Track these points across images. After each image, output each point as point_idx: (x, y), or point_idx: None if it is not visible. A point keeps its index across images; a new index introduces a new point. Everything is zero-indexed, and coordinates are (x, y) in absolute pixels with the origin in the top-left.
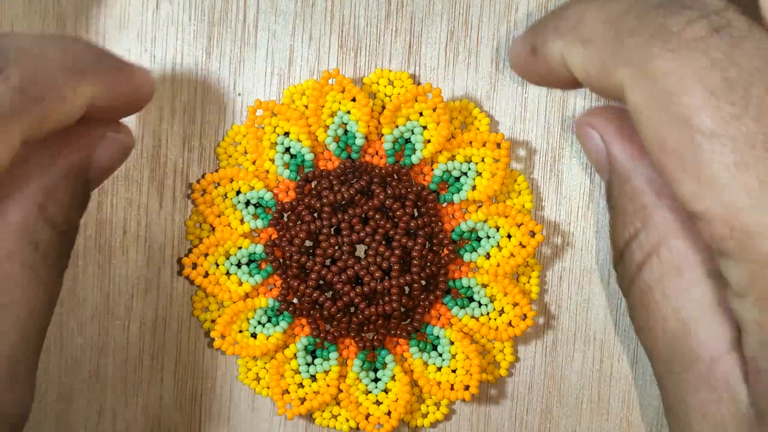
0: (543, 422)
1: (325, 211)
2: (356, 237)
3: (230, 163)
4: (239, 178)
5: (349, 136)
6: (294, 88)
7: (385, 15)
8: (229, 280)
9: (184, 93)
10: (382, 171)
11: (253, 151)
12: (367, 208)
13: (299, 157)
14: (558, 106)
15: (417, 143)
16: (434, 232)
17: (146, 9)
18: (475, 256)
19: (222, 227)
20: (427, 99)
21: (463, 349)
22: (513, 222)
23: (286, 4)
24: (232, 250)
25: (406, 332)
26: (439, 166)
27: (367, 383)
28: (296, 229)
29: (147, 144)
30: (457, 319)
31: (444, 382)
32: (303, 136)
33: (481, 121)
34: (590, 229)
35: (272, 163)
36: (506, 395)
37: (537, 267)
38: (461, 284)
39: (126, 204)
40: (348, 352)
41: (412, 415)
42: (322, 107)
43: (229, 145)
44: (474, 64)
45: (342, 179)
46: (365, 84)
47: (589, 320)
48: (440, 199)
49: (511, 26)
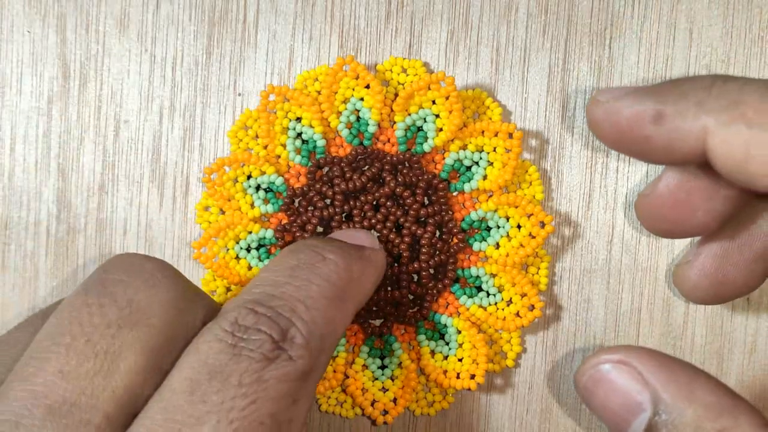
0: (543, 422)
1: (337, 198)
2: (367, 224)
3: (241, 147)
4: (250, 162)
5: (362, 122)
6: (307, 73)
7: (385, 15)
8: (238, 265)
9: (184, 93)
10: (394, 158)
11: (265, 136)
12: (379, 195)
13: (311, 143)
14: (558, 106)
15: (429, 131)
16: (444, 221)
17: (146, 9)
18: (484, 246)
19: (232, 212)
20: (440, 87)
21: (470, 338)
22: (523, 212)
23: (286, 4)
24: (242, 235)
25: (414, 320)
26: (450, 155)
27: (374, 370)
28: (308, 214)
29: (147, 144)
30: (465, 309)
31: (450, 371)
32: (315, 121)
33: (494, 110)
34: (590, 229)
35: (284, 148)
36: (506, 395)
37: (546, 258)
38: (470, 273)
39: (126, 204)
40: (355, 339)
41: (417, 403)
42: (335, 93)
43: (240, 129)
44: (474, 64)
45: (353, 166)
46: (379, 71)
47: (589, 320)
48: (451, 187)
49: (511, 26)
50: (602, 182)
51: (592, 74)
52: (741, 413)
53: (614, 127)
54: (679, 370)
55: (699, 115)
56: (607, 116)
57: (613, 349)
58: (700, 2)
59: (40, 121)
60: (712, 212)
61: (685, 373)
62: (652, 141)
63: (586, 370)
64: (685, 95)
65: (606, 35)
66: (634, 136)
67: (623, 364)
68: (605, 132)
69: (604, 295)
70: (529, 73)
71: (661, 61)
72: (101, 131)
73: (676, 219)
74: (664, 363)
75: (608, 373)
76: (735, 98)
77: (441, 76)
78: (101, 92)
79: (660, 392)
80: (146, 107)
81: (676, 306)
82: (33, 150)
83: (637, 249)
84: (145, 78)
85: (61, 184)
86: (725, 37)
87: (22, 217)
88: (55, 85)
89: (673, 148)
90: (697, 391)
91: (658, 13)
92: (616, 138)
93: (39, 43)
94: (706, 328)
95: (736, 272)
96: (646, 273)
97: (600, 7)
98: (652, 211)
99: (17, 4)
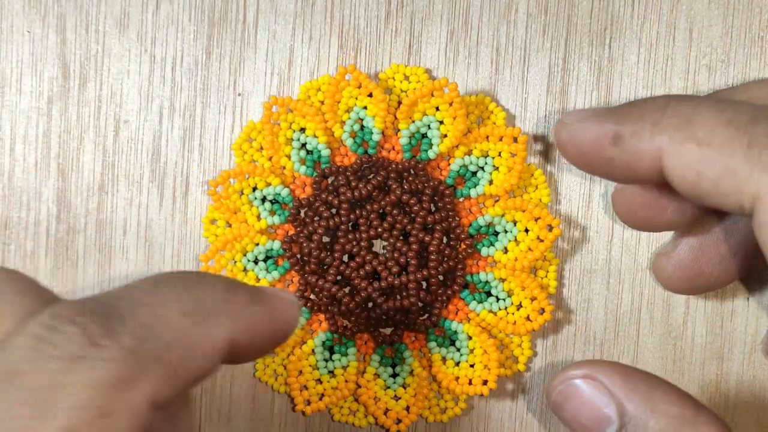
0: (543, 422)
1: (342, 207)
2: (374, 232)
3: (245, 159)
4: (255, 174)
5: (366, 131)
6: (310, 83)
7: (385, 15)
8: (246, 277)
9: (184, 93)
10: (399, 166)
11: (269, 148)
12: (385, 203)
13: (315, 153)
14: (558, 106)
15: (433, 138)
16: (451, 227)
17: (146, 9)
18: (492, 251)
19: (239, 224)
20: (444, 93)
21: (481, 343)
22: (530, 216)
23: (286, 4)
24: (249, 247)
25: (424, 327)
26: (455, 161)
27: (386, 378)
28: (314, 225)
29: (147, 144)
30: (475, 314)
31: (462, 377)
32: (319, 132)
33: (498, 115)
34: (590, 229)
35: (288, 159)
36: (506, 395)
37: (554, 261)
38: (479, 279)
39: (126, 204)
40: (366, 348)
41: (430, 410)
42: (338, 102)
43: (244, 141)
44: (474, 64)
45: (359, 175)
46: (381, 79)
47: (589, 320)
48: (457, 193)
49: (511, 26)
50: (602, 182)
51: (592, 74)
52: (703, 424)
53: (577, 149)
54: (641, 381)
55: (654, 136)
56: (570, 138)
57: (579, 364)
58: (700, 2)
59: (40, 121)
60: (682, 210)
61: (647, 383)
62: (612, 162)
63: (556, 386)
64: (642, 116)
65: (606, 35)
66: (596, 157)
67: (590, 379)
68: (570, 154)
69: (604, 295)
70: (529, 73)
71: (661, 61)
72: (101, 131)
73: (647, 216)
74: (627, 375)
75: (577, 387)
76: (688, 118)
77: (444, 82)
78: (101, 92)
79: (625, 404)
80: (146, 107)
81: (676, 306)
82: (33, 150)
83: (637, 249)
84: (145, 78)
85: (61, 184)
86: (725, 37)
87: (22, 217)
88: (55, 85)
89: (632, 168)
90: (659, 402)
91: (658, 13)
92: (580, 159)
93: (39, 43)
94: (706, 328)
95: (712, 266)
96: (646, 273)
97: (600, 7)
98: (625, 207)
99: (17, 4)
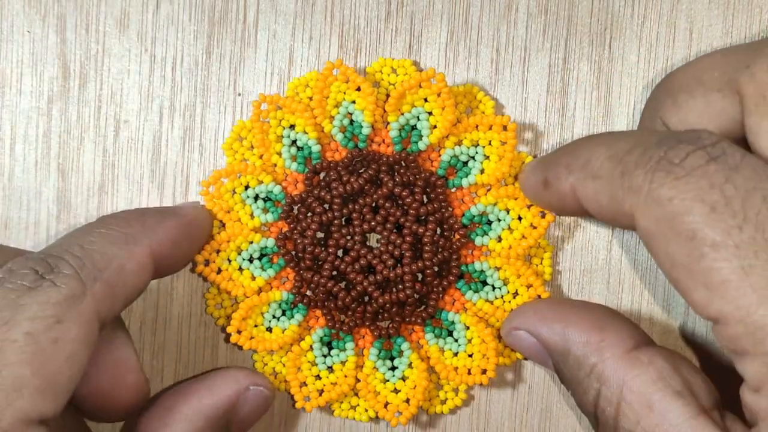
0: (543, 422)
1: (335, 202)
2: (367, 226)
3: (236, 158)
4: (247, 172)
5: (355, 125)
6: (297, 80)
7: (385, 15)
8: (241, 276)
9: (184, 93)
10: (390, 159)
11: (260, 146)
12: (377, 197)
13: (306, 149)
14: (558, 106)
15: (423, 129)
16: (445, 218)
17: (146, 9)
18: (486, 240)
19: (232, 223)
20: (431, 84)
21: (478, 333)
22: (523, 204)
23: (286, 4)
24: (243, 246)
25: (421, 319)
26: (446, 152)
27: (385, 372)
28: (307, 221)
29: (147, 144)
30: (472, 304)
31: (461, 367)
32: (309, 128)
33: (486, 104)
34: (590, 229)
35: (279, 156)
36: (506, 394)
37: (549, 248)
38: (474, 268)
39: (126, 204)
40: (364, 342)
41: (430, 402)
42: (327, 98)
43: (234, 140)
44: (474, 64)
45: (350, 169)
46: (368, 73)
47: None
48: (449, 184)
49: (511, 26)
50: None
51: (592, 74)
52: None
53: (526, 193)
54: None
55: (568, 177)
56: (522, 185)
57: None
58: (700, 2)
59: (40, 121)
60: None
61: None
62: (549, 201)
63: (504, 336)
64: (559, 161)
65: (606, 35)
66: (537, 199)
67: (518, 330)
68: (527, 196)
69: (604, 295)
70: (529, 72)
71: (661, 61)
72: (101, 131)
73: None
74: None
75: (513, 337)
76: (587, 158)
77: (431, 73)
78: (101, 92)
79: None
80: (146, 107)
81: (676, 306)
82: (33, 150)
83: (637, 249)
84: (145, 78)
85: (61, 184)
86: (725, 37)
87: (22, 217)
88: (55, 85)
89: (563, 204)
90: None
91: (658, 13)
92: (531, 200)
93: (39, 43)
94: (706, 328)
95: None
96: (646, 273)
97: (600, 7)
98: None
99: (17, 4)
